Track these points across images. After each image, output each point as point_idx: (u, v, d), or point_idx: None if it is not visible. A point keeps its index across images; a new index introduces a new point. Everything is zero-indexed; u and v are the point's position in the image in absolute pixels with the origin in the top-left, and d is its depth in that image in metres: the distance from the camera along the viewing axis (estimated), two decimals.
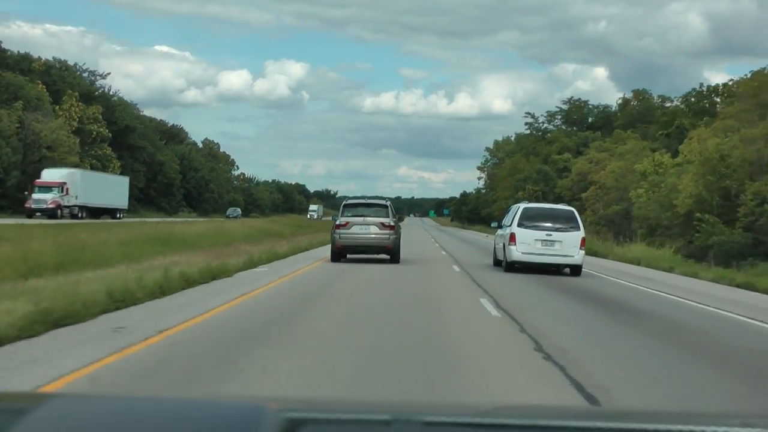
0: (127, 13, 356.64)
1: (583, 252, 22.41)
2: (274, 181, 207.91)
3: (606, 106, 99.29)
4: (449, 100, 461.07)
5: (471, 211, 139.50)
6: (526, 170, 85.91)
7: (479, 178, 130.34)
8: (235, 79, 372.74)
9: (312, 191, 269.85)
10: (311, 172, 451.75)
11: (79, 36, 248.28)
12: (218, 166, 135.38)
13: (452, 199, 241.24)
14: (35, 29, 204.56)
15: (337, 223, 24.35)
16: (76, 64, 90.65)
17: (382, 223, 24.21)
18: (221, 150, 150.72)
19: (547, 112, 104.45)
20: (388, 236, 24.18)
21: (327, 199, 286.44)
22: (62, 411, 1.45)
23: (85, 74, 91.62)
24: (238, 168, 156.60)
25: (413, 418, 1.52)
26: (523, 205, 23.88)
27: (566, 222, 22.54)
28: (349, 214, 24.47)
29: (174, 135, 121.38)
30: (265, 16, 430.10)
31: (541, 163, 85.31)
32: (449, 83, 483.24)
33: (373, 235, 24.15)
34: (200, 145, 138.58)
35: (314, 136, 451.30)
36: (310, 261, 24.56)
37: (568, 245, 22.07)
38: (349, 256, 24.79)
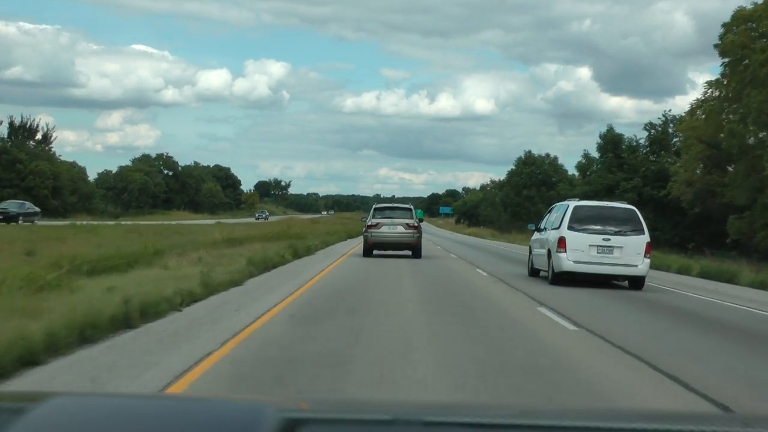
0: (104, 10, 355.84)
1: (648, 261, 19.12)
2: (162, 156, 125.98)
3: None
4: (431, 100, 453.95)
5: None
6: None
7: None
8: (214, 79, 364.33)
9: (256, 182, 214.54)
10: (291, 173, 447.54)
11: (54, 34, 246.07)
12: None
13: (451, 193, 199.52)
14: (9, 27, 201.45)
15: (369, 224, 28.13)
16: None
17: (408, 224, 28.20)
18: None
19: None
20: (412, 235, 28.09)
21: (277, 194, 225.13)
22: (62, 410, 1.45)
23: None
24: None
25: (413, 418, 1.51)
26: (572, 204, 20.29)
27: (626, 224, 19.33)
28: (379, 217, 28.39)
29: None
30: (244, 14, 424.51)
31: None
32: (431, 83, 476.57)
33: (400, 234, 28.02)
34: None
35: (294, 137, 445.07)
36: None
37: (630, 252, 18.85)
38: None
